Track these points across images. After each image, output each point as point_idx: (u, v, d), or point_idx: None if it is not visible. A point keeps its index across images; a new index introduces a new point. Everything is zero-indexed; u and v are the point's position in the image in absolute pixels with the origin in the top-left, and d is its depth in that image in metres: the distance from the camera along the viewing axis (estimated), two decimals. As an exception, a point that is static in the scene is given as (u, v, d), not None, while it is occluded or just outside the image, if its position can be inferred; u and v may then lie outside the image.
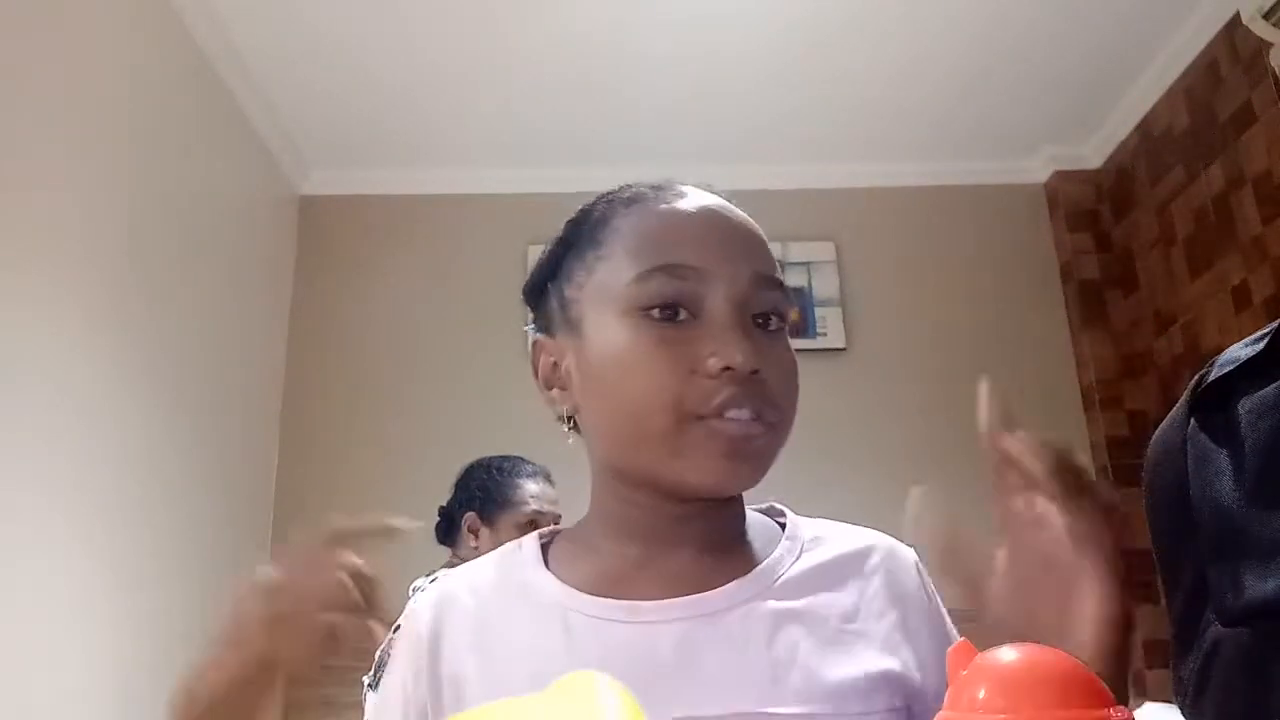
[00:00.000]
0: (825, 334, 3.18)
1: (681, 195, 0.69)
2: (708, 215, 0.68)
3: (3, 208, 1.77)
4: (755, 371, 0.62)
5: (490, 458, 2.09)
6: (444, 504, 2.10)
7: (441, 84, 2.91)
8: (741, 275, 0.65)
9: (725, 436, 0.62)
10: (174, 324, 2.41)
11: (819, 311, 3.20)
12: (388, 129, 3.11)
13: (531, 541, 0.73)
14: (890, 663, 0.64)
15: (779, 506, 0.75)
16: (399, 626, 0.74)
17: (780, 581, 0.67)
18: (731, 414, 0.62)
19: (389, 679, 0.71)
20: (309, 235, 3.29)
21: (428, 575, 1.80)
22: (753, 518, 0.73)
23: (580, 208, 0.74)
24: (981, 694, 0.39)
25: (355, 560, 0.64)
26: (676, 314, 0.64)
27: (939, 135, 3.24)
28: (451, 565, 1.90)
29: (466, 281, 3.19)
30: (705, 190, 0.71)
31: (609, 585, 0.66)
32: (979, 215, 3.37)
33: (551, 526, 0.77)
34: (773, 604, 0.65)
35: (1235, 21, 2.52)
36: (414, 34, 2.69)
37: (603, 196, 0.73)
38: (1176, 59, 2.87)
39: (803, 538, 0.70)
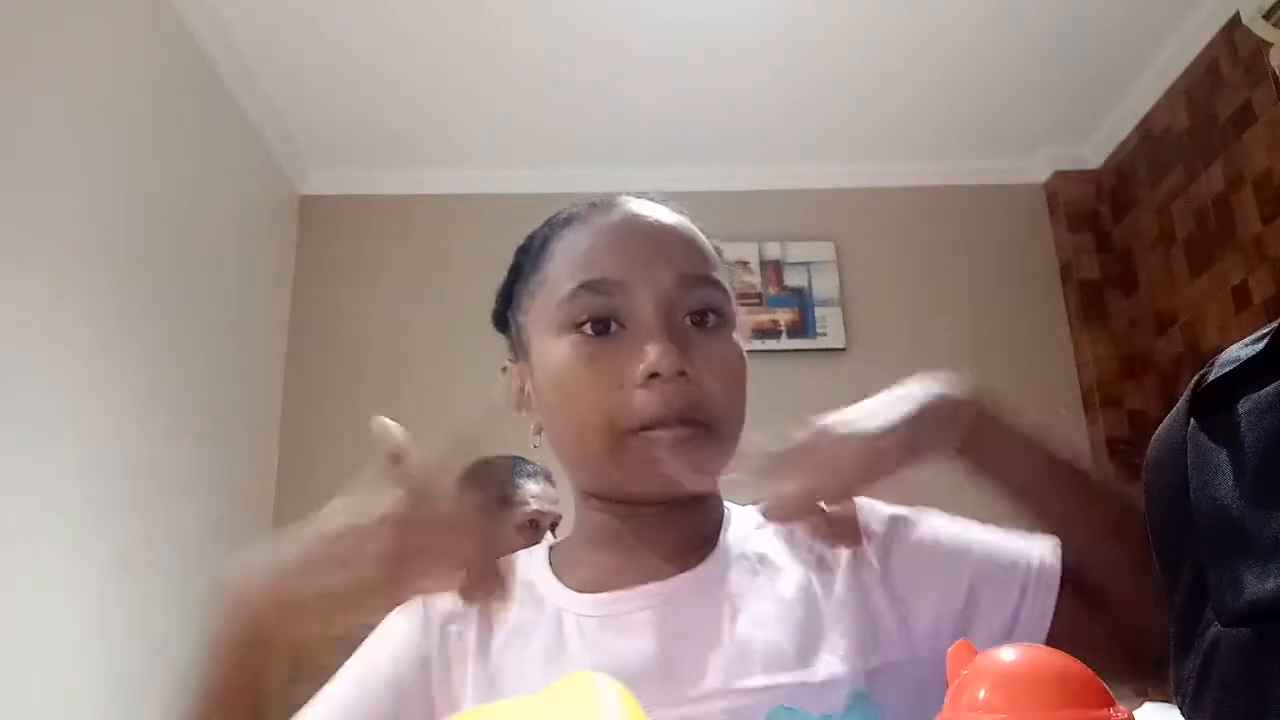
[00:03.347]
0: (825, 334, 3.17)
1: (612, 209, 0.71)
2: (629, 226, 0.69)
3: (1, 206, 1.77)
4: (683, 373, 0.64)
5: (490, 457, 2.08)
6: (444, 504, 2.10)
7: (441, 84, 2.90)
8: (663, 280, 0.66)
9: (661, 446, 0.64)
10: (173, 324, 2.41)
11: (819, 311, 3.19)
12: (388, 129, 3.11)
13: (543, 546, 0.76)
14: (852, 626, 0.64)
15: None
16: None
17: (733, 565, 0.68)
18: (659, 427, 0.63)
19: (381, 629, 0.72)
20: (309, 235, 3.29)
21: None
22: (732, 510, 0.75)
23: (529, 234, 0.76)
24: (981, 694, 0.39)
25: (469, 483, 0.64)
26: (608, 327, 0.66)
27: (939, 135, 3.24)
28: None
29: (466, 281, 3.17)
30: (642, 199, 0.72)
31: (592, 590, 0.69)
32: (979, 215, 3.36)
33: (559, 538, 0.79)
34: (730, 586, 0.67)
35: (1235, 21, 2.52)
36: (414, 34, 2.69)
37: (548, 220, 0.75)
38: (1176, 59, 2.87)
39: (750, 521, 0.73)
